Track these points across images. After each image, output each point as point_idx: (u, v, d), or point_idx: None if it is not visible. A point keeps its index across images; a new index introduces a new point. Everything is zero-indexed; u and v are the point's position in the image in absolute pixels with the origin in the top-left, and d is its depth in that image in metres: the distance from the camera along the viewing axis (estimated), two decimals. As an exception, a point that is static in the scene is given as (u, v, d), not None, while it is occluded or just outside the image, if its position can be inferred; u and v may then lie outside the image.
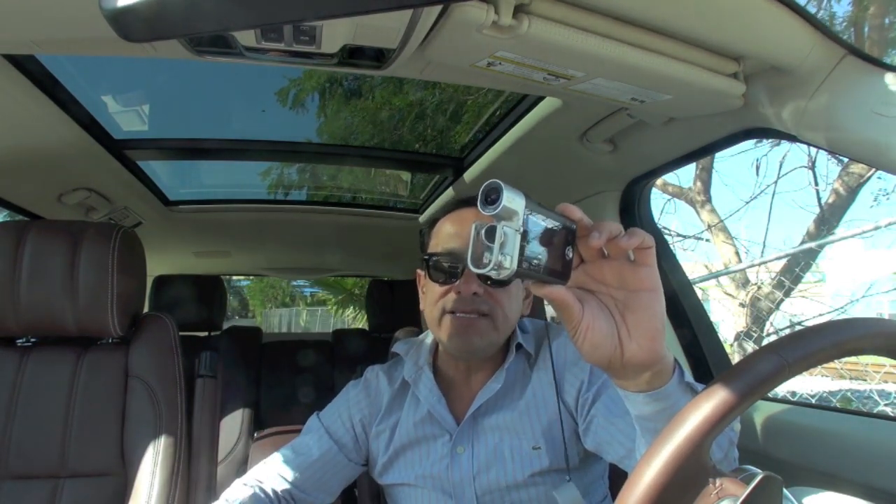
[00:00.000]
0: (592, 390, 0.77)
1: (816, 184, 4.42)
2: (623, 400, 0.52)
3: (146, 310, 1.22)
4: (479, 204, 0.39)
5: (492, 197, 0.38)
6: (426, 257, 0.83)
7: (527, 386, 0.84)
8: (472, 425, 0.83)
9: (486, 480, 0.80)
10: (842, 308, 4.21)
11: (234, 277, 8.63)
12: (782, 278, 4.10)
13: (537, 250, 0.40)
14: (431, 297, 0.82)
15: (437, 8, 0.60)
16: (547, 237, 0.41)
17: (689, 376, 0.52)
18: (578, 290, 0.46)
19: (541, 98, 1.04)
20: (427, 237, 0.88)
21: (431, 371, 0.88)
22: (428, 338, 0.94)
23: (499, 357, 0.86)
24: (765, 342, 3.99)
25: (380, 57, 0.72)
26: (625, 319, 0.46)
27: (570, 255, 0.43)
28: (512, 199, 0.38)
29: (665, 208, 6.52)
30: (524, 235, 0.39)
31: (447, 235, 0.83)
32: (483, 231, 0.39)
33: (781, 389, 3.17)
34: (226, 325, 2.47)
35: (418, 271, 0.89)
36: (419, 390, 0.87)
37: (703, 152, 1.01)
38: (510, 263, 0.38)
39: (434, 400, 0.85)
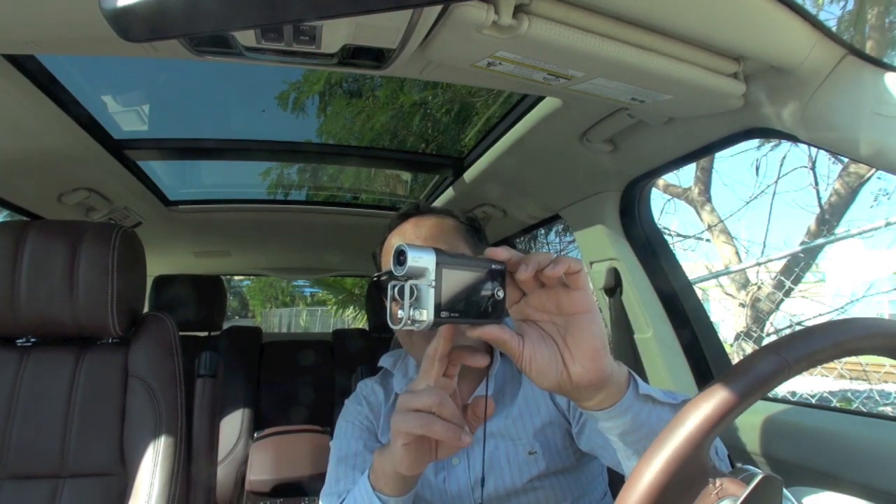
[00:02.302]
0: None
1: (816, 184, 4.42)
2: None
3: (146, 310, 1.22)
4: (391, 265, 0.42)
5: (401, 259, 0.42)
6: (375, 280, 0.82)
7: (518, 391, 0.83)
8: None
9: (485, 490, 0.79)
10: (842, 308, 4.21)
11: (235, 277, 8.64)
12: (782, 278, 4.10)
13: (461, 297, 0.43)
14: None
15: (437, 8, 0.60)
16: (472, 283, 0.44)
17: (645, 388, 0.53)
18: (521, 322, 0.49)
19: (541, 98, 1.04)
20: (379, 259, 0.87)
21: None
22: None
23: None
24: (765, 342, 3.99)
25: (380, 57, 0.72)
26: (567, 343, 0.48)
27: (501, 295, 0.46)
28: (418, 259, 0.42)
29: (665, 208, 6.52)
30: (440, 288, 0.42)
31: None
32: (396, 290, 0.42)
33: (781, 389, 3.17)
34: (226, 325, 2.47)
35: (383, 298, 0.87)
36: None
37: (703, 152, 1.01)
38: (426, 316, 0.42)
39: None
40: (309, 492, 2.07)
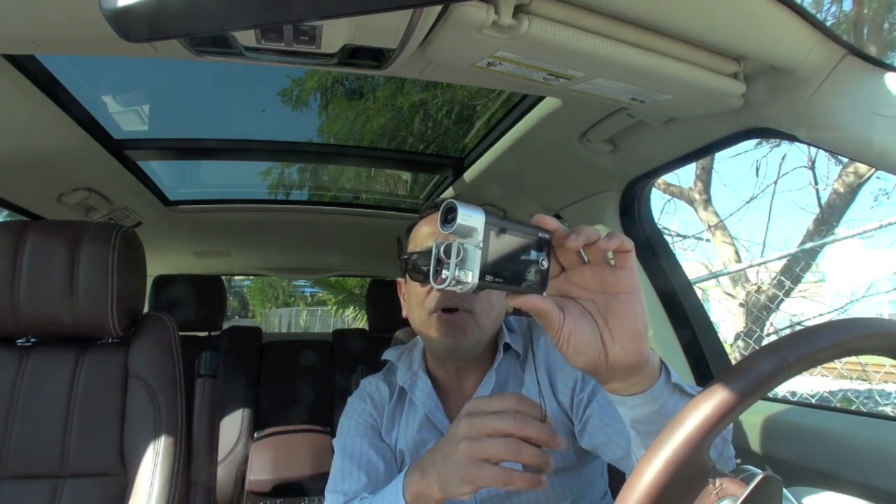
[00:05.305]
0: (587, 390, 0.77)
1: (816, 184, 4.42)
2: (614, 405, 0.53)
3: (146, 310, 1.22)
4: (438, 223, 0.41)
5: (449, 216, 0.40)
6: (405, 257, 0.82)
7: (520, 387, 0.83)
8: None
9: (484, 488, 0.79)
10: (842, 308, 4.20)
11: (235, 277, 8.64)
12: (782, 278, 4.10)
13: (505, 263, 0.41)
14: (415, 299, 0.82)
15: (437, 8, 0.60)
16: (517, 249, 0.42)
17: (676, 377, 0.52)
18: (560, 297, 0.47)
19: (541, 98, 1.04)
20: (405, 242, 0.88)
21: (426, 375, 0.87)
22: (419, 343, 0.92)
23: (488, 358, 0.85)
24: (765, 342, 3.98)
25: (380, 57, 0.72)
26: (607, 323, 0.47)
27: (546, 265, 0.44)
28: (468, 217, 0.40)
29: (665, 208, 6.51)
30: (486, 250, 0.40)
31: (424, 236, 0.82)
32: (442, 248, 0.41)
33: (781, 389, 3.17)
34: (226, 326, 2.47)
35: (398, 280, 0.88)
36: (415, 395, 0.86)
37: (703, 152, 1.01)
38: (471, 278, 0.40)
39: (431, 405, 0.84)
40: (309, 492, 2.07)
